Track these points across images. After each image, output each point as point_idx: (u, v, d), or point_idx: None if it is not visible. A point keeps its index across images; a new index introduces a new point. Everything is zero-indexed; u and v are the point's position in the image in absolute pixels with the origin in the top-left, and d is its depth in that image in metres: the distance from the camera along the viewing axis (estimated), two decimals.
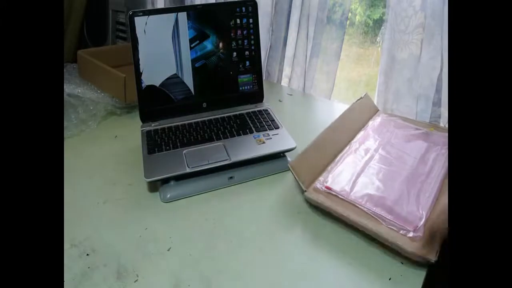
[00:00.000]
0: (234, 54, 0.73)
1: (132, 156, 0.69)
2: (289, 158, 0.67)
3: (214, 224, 0.55)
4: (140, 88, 0.69)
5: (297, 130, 0.71)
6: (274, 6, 0.99)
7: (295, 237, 0.54)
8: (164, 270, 0.48)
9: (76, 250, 0.51)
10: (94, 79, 0.89)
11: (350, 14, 0.91)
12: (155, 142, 0.66)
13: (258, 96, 0.77)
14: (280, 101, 0.94)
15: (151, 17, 0.67)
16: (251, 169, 0.65)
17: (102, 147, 0.74)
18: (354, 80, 1.14)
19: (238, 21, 0.72)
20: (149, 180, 0.59)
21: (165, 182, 0.61)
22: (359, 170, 0.62)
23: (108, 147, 0.74)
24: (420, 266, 0.48)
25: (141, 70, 0.68)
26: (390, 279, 0.47)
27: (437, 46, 0.76)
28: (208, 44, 0.71)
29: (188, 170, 0.61)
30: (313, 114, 0.92)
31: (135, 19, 0.66)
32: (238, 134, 0.68)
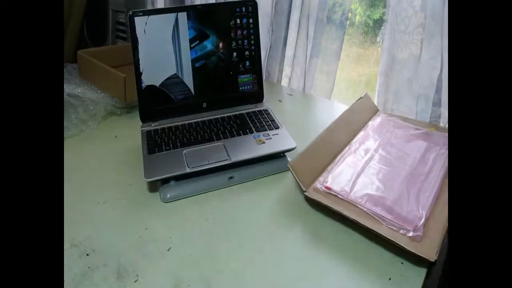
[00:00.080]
0: (234, 54, 0.73)
1: (132, 156, 0.69)
2: (289, 158, 0.67)
3: (214, 224, 0.55)
4: (140, 88, 0.69)
5: (297, 130, 0.71)
6: (274, 6, 0.99)
7: (295, 237, 0.54)
8: (164, 270, 0.48)
9: (76, 250, 0.51)
10: (94, 79, 0.89)
11: (350, 14, 0.91)
12: (155, 142, 0.66)
13: (258, 96, 0.77)
14: (280, 101, 0.94)
15: (151, 17, 0.67)
16: (251, 169, 0.65)
17: (102, 147, 0.74)
18: (354, 80, 1.14)
19: (238, 21, 0.72)
20: (149, 180, 0.59)
21: (165, 182, 0.61)
22: (359, 170, 0.62)
23: (108, 147, 0.74)
24: (420, 266, 0.48)
25: (141, 70, 0.68)
26: (390, 279, 0.47)
27: (437, 46, 0.76)
28: (208, 44, 0.71)
29: (188, 170, 0.61)
30: (313, 114, 0.92)
31: (135, 19, 0.66)
32: (238, 134, 0.68)
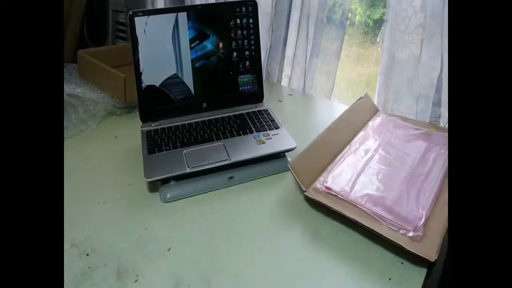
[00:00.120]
0: (234, 54, 0.73)
1: (132, 156, 0.69)
2: (289, 158, 0.67)
3: (214, 224, 0.55)
4: (140, 88, 0.69)
5: (297, 130, 0.71)
6: (274, 6, 0.99)
7: (295, 237, 0.54)
8: (164, 270, 0.48)
9: (76, 250, 0.51)
10: (94, 79, 0.89)
11: (350, 14, 0.91)
12: (155, 142, 0.66)
13: (258, 96, 0.77)
14: (280, 101, 0.94)
15: (151, 17, 0.67)
16: (251, 169, 0.65)
17: (102, 147, 0.74)
18: (354, 80, 1.14)
19: (238, 21, 0.72)
20: (149, 180, 0.59)
21: (165, 182, 0.61)
22: (359, 170, 0.62)
23: (108, 147, 0.74)
24: (420, 266, 0.48)
25: (141, 70, 0.68)
26: (390, 279, 0.47)
27: (437, 46, 0.76)
28: (208, 44, 0.71)
29: (188, 170, 0.61)
30: (313, 114, 0.92)
31: (135, 19, 0.66)
32: (238, 134, 0.68)
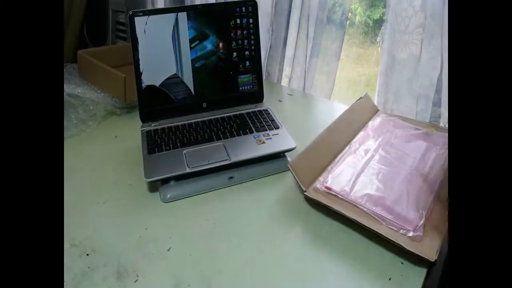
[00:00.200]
0: (234, 54, 0.73)
1: (132, 156, 0.69)
2: (289, 158, 0.67)
3: (214, 224, 0.55)
4: (140, 88, 0.69)
5: (297, 130, 0.71)
6: (274, 6, 0.99)
7: (295, 237, 0.54)
8: (164, 270, 0.48)
9: (76, 250, 0.51)
10: (94, 79, 0.89)
11: (350, 14, 0.91)
12: (155, 142, 0.66)
13: (258, 96, 0.77)
14: (280, 101, 0.94)
15: (151, 17, 0.67)
16: (251, 169, 0.65)
17: (102, 147, 0.74)
18: (354, 80, 1.14)
19: (238, 21, 0.72)
20: (149, 180, 0.59)
21: (165, 182, 0.61)
22: (359, 170, 0.62)
23: (108, 147, 0.74)
24: (420, 266, 0.48)
25: (141, 70, 0.68)
26: (390, 279, 0.47)
27: (437, 46, 0.76)
28: (208, 44, 0.71)
29: (188, 170, 0.61)
30: (313, 114, 0.92)
31: (135, 19, 0.66)
32: (238, 134, 0.68)
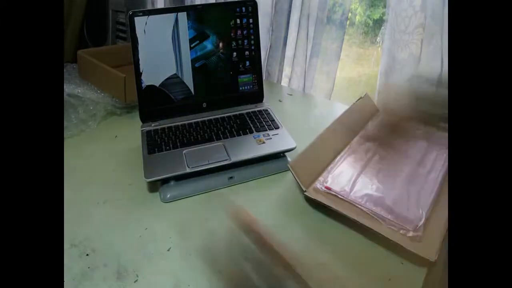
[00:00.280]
0: (234, 54, 0.73)
1: (132, 156, 0.69)
2: (289, 158, 0.67)
3: (214, 224, 0.55)
4: (140, 88, 0.69)
5: (297, 130, 0.71)
6: (274, 6, 0.99)
7: (295, 237, 0.54)
8: (164, 270, 0.48)
9: (76, 250, 0.51)
10: (94, 79, 0.89)
11: (350, 14, 0.91)
12: (155, 142, 0.66)
13: (258, 96, 0.77)
14: (280, 101, 0.94)
15: (151, 17, 0.67)
16: (251, 169, 0.65)
17: (102, 147, 0.74)
18: (354, 80, 1.14)
19: (238, 21, 0.72)
20: (149, 180, 0.59)
21: (165, 182, 0.61)
22: (359, 170, 0.62)
23: (108, 147, 0.74)
24: (420, 266, 0.48)
25: (141, 70, 0.68)
26: (390, 279, 0.47)
27: (437, 46, 0.76)
28: (208, 44, 0.71)
29: (188, 170, 0.61)
30: (313, 114, 0.92)
31: (135, 19, 0.66)
32: (238, 134, 0.68)
